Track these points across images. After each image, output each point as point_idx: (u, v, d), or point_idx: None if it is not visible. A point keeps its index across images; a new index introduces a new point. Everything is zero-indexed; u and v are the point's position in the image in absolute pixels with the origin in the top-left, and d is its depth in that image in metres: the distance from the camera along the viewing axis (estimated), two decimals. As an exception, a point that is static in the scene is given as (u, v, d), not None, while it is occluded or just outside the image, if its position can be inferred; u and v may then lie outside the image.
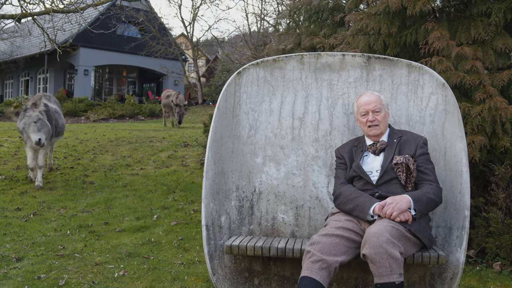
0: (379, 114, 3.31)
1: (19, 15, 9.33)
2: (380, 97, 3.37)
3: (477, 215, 4.75)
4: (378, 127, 3.31)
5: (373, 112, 3.31)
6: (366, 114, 3.33)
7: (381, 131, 3.33)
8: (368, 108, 3.32)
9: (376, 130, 3.32)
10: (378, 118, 3.31)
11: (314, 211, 3.64)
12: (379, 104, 3.32)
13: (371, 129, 3.33)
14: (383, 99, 3.39)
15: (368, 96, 3.37)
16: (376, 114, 3.31)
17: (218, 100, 3.73)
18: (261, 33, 27.18)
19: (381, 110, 3.32)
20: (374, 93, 3.40)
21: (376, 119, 3.30)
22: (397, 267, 2.77)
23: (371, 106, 3.32)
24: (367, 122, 3.33)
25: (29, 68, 30.68)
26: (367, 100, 3.35)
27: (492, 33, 4.97)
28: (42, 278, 4.16)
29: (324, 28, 7.02)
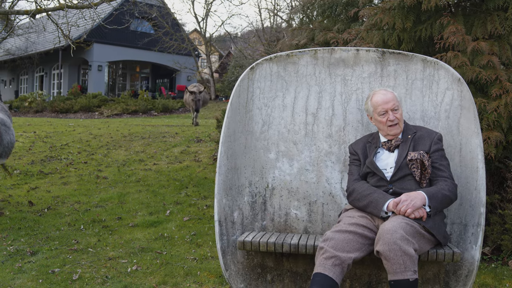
0: (398, 112, 3.25)
1: (33, 11, 9.38)
2: (395, 94, 3.32)
3: (493, 212, 4.70)
4: (398, 126, 3.26)
5: (392, 111, 3.24)
6: (385, 113, 3.25)
7: (401, 129, 3.28)
8: (387, 107, 3.25)
9: (397, 130, 3.27)
10: (398, 116, 3.25)
11: (327, 207, 3.62)
12: (396, 102, 3.26)
13: (392, 129, 3.27)
14: (397, 95, 3.35)
15: (384, 95, 3.28)
16: (395, 113, 3.25)
17: (231, 95, 3.71)
18: (274, 28, 27.12)
19: (399, 108, 3.26)
20: (388, 90, 3.33)
21: (396, 117, 3.24)
22: (411, 264, 2.74)
23: (389, 104, 3.24)
24: (387, 121, 3.26)
25: (43, 63, 30.93)
26: (385, 98, 3.26)
27: (509, 27, 4.90)
28: (56, 272, 4.19)
29: (337, 23, 6.97)
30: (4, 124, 5.75)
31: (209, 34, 31.39)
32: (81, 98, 23.44)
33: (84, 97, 23.61)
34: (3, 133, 5.68)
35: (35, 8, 9.49)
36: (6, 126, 5.80)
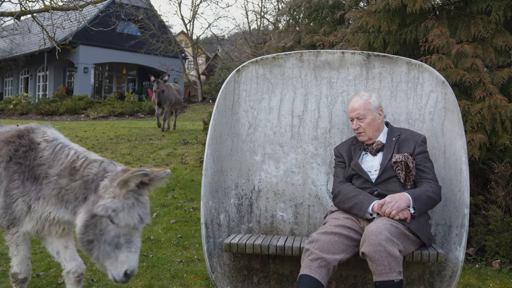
0: (363, 121, 3.28)
1: (18, 13, 9.31)
2: (367, 101, 3.31)
3: (477, 213, 4.75)
4: (364, 134, 3.30)
5: (357, 119, 3.30)
6: (352, 120, 3.34)
7: (369, 136, 3.31)
8: (352, 115, 3.32)
9: (362, 137, 3.32)
10: (362, 125, 3.28)
11: (313, 209, 3.63)
12: (362, 110, 3.28)
13: (358, 136, 3.36)
14: (371, 101, 3.31)
15: (354, 102, 3.34)
16: (360, 121, 3.29)
17: (217, 98, 3.72)
18: (261, 31, 27.15)
19: (365, 116, 3.28)
20: (362, 97, 3.34)
21: (360, 126, 3.29)
22: (396, 265, 2.77)
23: (354, 113, 3.31)
24: (353, 129, 3.35)
25: (28, 65, 30.65)
26: (352, 106, 3.33)
27: (492, 30, 4.97)
28: (41, 276, 4.16)
29: (324, 25, 7.01)
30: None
31: (196, 36, 31.35)
32: (67, 100, 23.24)
33: (70, 99, 23.42)
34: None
35: (20, 9, 9.42)
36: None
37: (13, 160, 2.89)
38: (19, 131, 3.01)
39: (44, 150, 2.89)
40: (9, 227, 2.95)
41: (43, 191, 2.82)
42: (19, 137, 2.96)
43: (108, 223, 2.57)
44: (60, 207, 2.82)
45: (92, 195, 2.65)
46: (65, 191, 2.77)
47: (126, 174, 2.56)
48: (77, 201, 2.74)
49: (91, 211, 2.60)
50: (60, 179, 2.78)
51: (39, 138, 2.95)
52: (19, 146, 2.92)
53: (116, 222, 2.55)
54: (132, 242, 2.61)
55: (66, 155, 2.84)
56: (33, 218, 2.90)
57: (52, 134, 3.00)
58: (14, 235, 2.97)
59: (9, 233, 2.98)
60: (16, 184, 2.85)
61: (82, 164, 2.77)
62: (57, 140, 2.95)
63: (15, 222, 2.92)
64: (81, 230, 2.61)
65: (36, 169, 2.86)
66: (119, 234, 2.57)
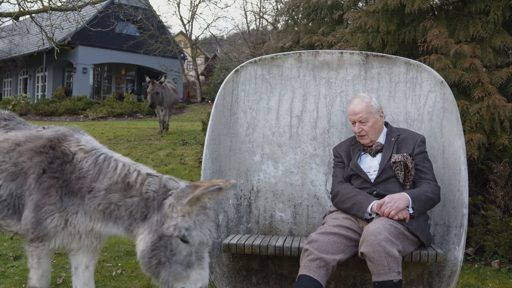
0: (366, 124, 3.27)
1: (17, 13, 9.31)
2: (369, 104, 3.29)
3: (476, 213, 4.75)
4: (366, 137, 3.29)
5: (359, 123, 3.28)
6: (354, 123, 3.32)
7: (371, 139, 3.30)
8: (354, 119, 3.30)
9: (365, 140, 3.31)
10: (365, 128, 3.27)
11: (312, 209, 3.63)
12: (365, 114, 3.26)
13: (360, 139, 3.34)
14: (373, 104, 3.30)
15: (355, 105, 3.31)
16: (362, 125, 3.27)
17: (216, 98, 3.72)
18: (260, 31, 27.16)
19: (368, 120, 3.26)
20: (364, 100, 3.31)
21: (362, 129, 3.28)
22: (395, 265, 2.76)
23: (357, 116, 3.28)
24: (355, 132, 3.33)
25: (27, 66, 30.64)
26: (354, 109, 3.30)
27: (491, 30, 4.97)
28: (40, 276, 4.15)
29: (322, 26, 7.01)
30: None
31: (195, 36, 31.39)
32: (65, 101, 23.23)
33: (69, 100, 23.41)
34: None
35: (19, 10, 9.41)
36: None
37: (48, 173, 2.65)
38: (51, 139, 2.76)
39: (82, 161, 2.68)
40: (35, 240, 2.71)
41: (86, 205, 2.62)
42: (52, 148, 2.72)
43: (179, 242, 2.42)
44: (108, 222, 2.63)
45: (156, 214, 2.48)
46: (116, 206, 2.58)
47: (199, 190, 2.40)
48: (132, 219, 2.56)
49: (158, 232, 2.44)
50: (110, 194, 2.58)
51: (73, 147, 2.74)
52: (53, 158, 2.69)
53: (190, 241, 2.41)
54: (203, 259, 2.48)
55: (114, 168, 2.64)
56: (70, 233, 2.69)
57: (87, 142, 2.80)
58: (39, 248, 2.74)
59: (33, 245, 2.73)
60: (53, 200, 2.63)
61: (136, 180, 2.58)
62: (96, 150, 2.73)
63: (44, 238, 2.69)
64: (148, 253, 2.45)
65: (74, 183, 2.64)
66: (191, 253, 2.44)
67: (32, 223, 2.65)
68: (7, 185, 2.71)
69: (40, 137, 2.81)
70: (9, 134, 2.90)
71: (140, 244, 2.50)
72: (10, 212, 2.73)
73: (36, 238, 2.69)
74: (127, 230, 2.59)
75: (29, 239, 2.70)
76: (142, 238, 2.50)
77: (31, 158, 2.71)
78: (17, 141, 2.82)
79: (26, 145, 2.77)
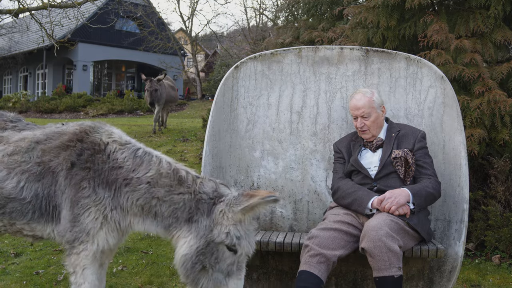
0: (368, 119, 3.25)
1: (16, 10, 9.29)
2: (371, 99, 3.27)
3: (476, 208, 4.75)
4: (368, 132, 3.27)
5: (361, 118, 3.26)
6: (356, 118, 3.29)
7: (372, 134, 3.28)
8: (356, 114, 3.27)
9: (366, 135, 3.29)
10: (367, 123, 3.25)
11: (312, 205, 3.63)
12: (367, 109, 3.24)
13: (361, 134, 3.32)
14: (375, 99, 3.29)
15: (357, 100, 3.28)
16: (365, 120, 3.25)
17: (216, 94, 3.71)
18: (260, 27, 27.13)
19: (370, 115, 3.25)
20: (366, 94, 3.29)
21: (365, 124, 3.26)
22: (396, 260, 2.76)
23: (359, 111, 3.26)
24: (357, 127, 3.31)
25: (27, 63, 30.62)
26: (357, 104, 3.27)
27: (491, 25, 4.95)
28: (41, 273, 4.16)
29: (322, 21, 7.00)
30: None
31: (195, 33, 31.33)
32: (66, 98, 23.21)
33: (69, 97, 23.39)
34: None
35: (18, 7, 9.40)
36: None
37: (78, 165, 2.50)
38: (76, 133, 2.61)
39: (117, 152, 2.53)
40: (74, 244, 2.48)
41: (123, 198, 2.47)
42: (79, 141, 2.57)
43: (225, 250, 2.37)
44: (146, 218, 2.49)
45: (205, 218, 2.38)
46: (158, 202, 2.44)
47: (256, 199, 2.32)
48: (173, 218, 2.43)
49: (207, 238, 2.35)
50: (154, 188, 2.44)
51: (104, 138, 2.59)
52: (82, 150, 2.53)
53: (238, 250, 2.37)
54: (242, 269, 2.43)
55: (158, 161, 2.52)
56: (113, 229, 2.50)
57: (120, 135, 2.66)
58: (80, 254, 2.48)
59: (73, 253, 2.49)
60: (86, 193, 2.46)
61: (187, 177, 2.47)
62: (132, 144, 2.61)
63: (82, 237, 2.46)
64: (192, 258, 2.36)
65: (108, 173, 2.48)
66: (233, 262, 2.39)
67: (70, 221, 2.48)
68: (31, 186, 2.54)
69: (62, 133, 2.67)
70: (23, 133, 2.75)
71: (183, 247, 2.39)
72: (36, 215, 2.55)
73: (75, 238, 2.47)
74: (165, 230, 2.47)
75: (68, 243, 2.50)
76: (186, 242, 2.39)
77: (57, 155, 2.56)
78: (36, 139, 2.66)
79: (50, 143, 2.62)
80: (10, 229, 2.66)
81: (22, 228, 2.62)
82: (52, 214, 2.54)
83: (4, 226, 2.66)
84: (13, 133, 2.78)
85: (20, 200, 2.54)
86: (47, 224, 2.57)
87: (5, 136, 2.74)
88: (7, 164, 2.59)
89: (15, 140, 2.68)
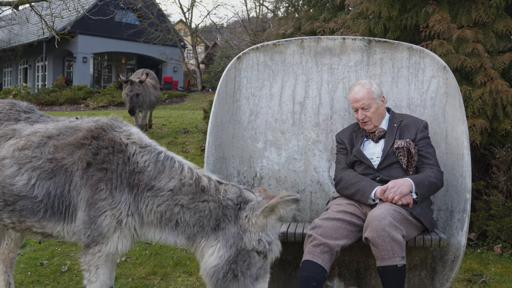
0: (369, 110, 3.24)
1: (16, 2, 9.27)
2: (370, 90, 3.26)
3: (478, 198, 4.76)
4: (370, 123, 3.27)
5: (362, 110, 3.25)
6: (356, 110, 3.29)
7: (374, 124, 3.28)
8: (356, 106, 3.27)
9: (368, 126, 3.29)
10: (368, 114, 3.25)
11: (315, 196, 3.64)
12: (367, 100, 3.23)
13: (363, 125, 3.31)
14: (374, 89, 3.27)
15: (356, 92, 3.27)
16: (365, 111, 3.24)
17: (218, 85, 3.71)
18: (260, 18, 27.05)
19: (370, 106, 3.24)
20: (364, 86, 3.28)
21: (366, 116, 3.25)
22: (399, 250, 2.78)
23: (359, 103, 3.25)
24: (358, 119, 3.30)
25: (27, 56, 30.56)
26: (356, 96, 3.26)
27: (493, 15, 4.94)
28: (45, 264, 4.18)
29: (324, 12, 6.98)
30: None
31: (194, 24, 31.25)
32: (66, 90, 23.21)
33: (69, 89, 23.39)
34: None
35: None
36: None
37: (94, 166, 2.43)
38: (92, 130, 2.52)
39: (137, 155, 2.46)
40: (90, 245, 2.46)
41: (142, 204, 2.41)
42: (95, 138, 2.49)
43: (255, 256, 2.33)
44: (165, 227, 2.44)
45: (232, 225, 2.34)
46: (182, 209, 2.39)
47: (274, 200, 2.28)
48: (199, 227, 2.38)
49: (238, 246, 2.32)
50: (177, 196, 2.39)
51: (123, 138, 2.52)
52: (98, 149, 2.46)
53: (269, 255, 2.34)
54: (268, 272, 2.42)
55: (181, 169, 2.45)
56: (126, 235, 2.46)
57: (140, 136, 2.59)
58: (96, 255, 2.47)
59: (89, 253, 2.47)
60: (103, 195, 2.40)
61: (209, 185, 2.41)
62: (152, 147, 2.54)
63: (98, 239, 2.43)
64: (223, 268, 2.31)
65: (128, 177, 2.42)
66: (262, 266, 2.37)
67: (85, 222, 2.43)
68: (43, 184, 2.48)
69: (77, 129, 2.58)
70: (35, 126, 2.68)
71: (212, 257, 2.34)
72: (48, 213, 2.50)
73: (91, 240, 2.45)
74: (188, 239, 2.41)
75: (84, 244, 2.47)
76: (215, 251, 2.34)
77: (71, 153, 2.49)
78: (48, 133, 2.58)
79: (63, 139, 2.54)
80: (19, 226, 2.61)
81: (32, 226, 2.58)
82: (65, 213, 2.50)
83: (12, 223, 2.61)
84: (25, 125, 2.71)
85: (31, 198, 2.49)
86: (58, 222, 2.52)
87: (18, 129, 2.67)
88: (18, 159, 2.52)
89: (27, 134, 2.61)
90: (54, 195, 2.47)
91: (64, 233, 2.54)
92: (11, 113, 2.80)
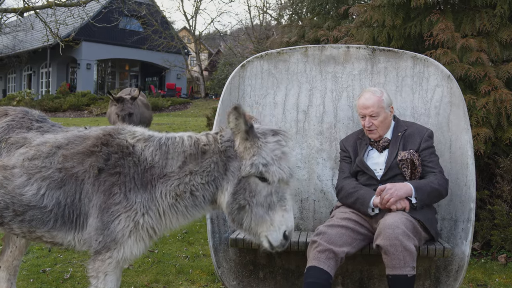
0: (377, 119, 3.20)
1: (21, 9, 9.32)
2: (381, 98, 3.23)
3: (482, 207, 4.74)
4: (376, 131, 3.23)
5: (370, 117, 3.21)
6: (364, 117, 3.25)
7: (380, 134, 3.24)
8: (365, 113, 3.22)
9: (373, 135, 3.25)
10: (375, 123, 3.21)
11: (318, 204, 3.63)
12: (377, 108, 3.19)
13: (369, 133, 3.27)
14: (384, 98, 3.24)
15: (366, 99, 3.23)
16: (373, 119, 3.21)
17: (222, 93, 3.71)
18: (264, 26, 27.13)
19: (379, 114, 3.20)
20: (375, 94, 3.25)
21: (373, 124, 3.21)
22: (410, 260, 2.76)
23: (368, 110, 3.21)
24: (364, 126, 3.27)
25: (32, 62, 30.68)
26: (366, 103, 3.22)
27: (497, 24, 4.94)
28: (48, 271, 4.17)
29: (327, 20, 6.99)
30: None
31: (198, 32, 31.36)
32: (70, 96, 23.27)
33: (73, 96, 23.46)
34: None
35: (23, 6, 9.42)
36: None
37: (106, 171, 2.45)
38: (100, 137, 2.55)
39: (144, 150, 2.50)
40: (101, 251, 2.43)
41: (157, 193, 2.46)
42: (104, 145, 2.51)
43: (257, 182, 2.37)
44: (184, 205, 2.48)
45: (234, 161, 2.42)
46: (191, 176, 2.45)
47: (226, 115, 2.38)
48: (211, 184, 2.46)
49: (238, 176, 2.40)
50: (186, 167, 2.46)
51: (130, 139, 2.55)
52: (109, 155, 2.48)
53: (269, 178, 2.35)
54: (285, 199, 2.40)
55: (181, 142, 2.52)
56: (142, 238, 2.46)
57: (143, 131, 2.62)
58: (105, 261, 2.44)
59: (99, 259, 2.44)
60: (118, 198, 2.41)
61: (208, 139, 2.51)
62: (155, 136, 2.58)
63: (110, 245, 2.42)
64: (230, 201, 2.40)
65: (143, 176, 2.46)
66: (270, 192, 2.37)
67: (98, 229, 2.42)
68: (52, 193, 2.47)
69: (85, 137, 2.61)
70: (46, 136, 2.69)
71: (224, 198, 2.44)
72: (58, 223, 2.49)
73: (103, 247, 2.43)
74: (211, 203, 2.51)
75: (94, 250, 2.46)
76: (225, 191, 2.44)
77: (81, 162, 2.50)
78: (57, 143, 2.59)
79: (72, 148, 2.56)
80: (29, 236, 2.60)
81: (42, 236, 2.57)
82: (76, 222, 2.50)
83: (23, 233, 2.60)
84: (36, 135, 2.72)
85: (40, 209, 2.48)
86: (69, 232, 2.52)
87: (29, 138, 2.68)
88: (27, 169, 2.52)
89: (37, 144, 2.62)
90: (65, 204, 2.47)
91: (75, 242, 2.54)
92: (24, 121, 2.82)
